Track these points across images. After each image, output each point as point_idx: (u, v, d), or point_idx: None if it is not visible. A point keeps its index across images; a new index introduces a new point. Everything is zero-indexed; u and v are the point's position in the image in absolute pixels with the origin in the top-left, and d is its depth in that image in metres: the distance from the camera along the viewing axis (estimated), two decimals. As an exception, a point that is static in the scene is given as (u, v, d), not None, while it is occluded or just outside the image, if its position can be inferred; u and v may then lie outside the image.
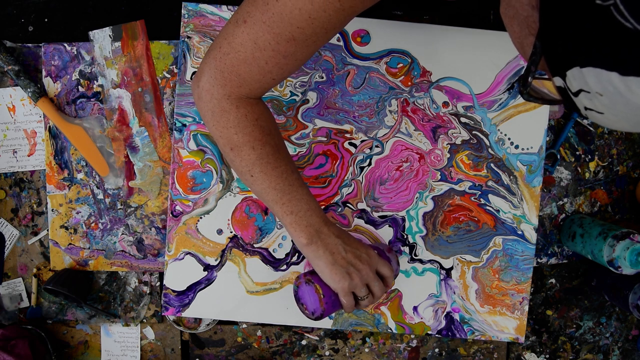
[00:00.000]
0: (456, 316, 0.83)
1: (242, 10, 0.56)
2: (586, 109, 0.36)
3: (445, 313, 0.83)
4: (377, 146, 0.81)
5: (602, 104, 0.34)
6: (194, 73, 0.79)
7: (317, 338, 0.86)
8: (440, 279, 0.82)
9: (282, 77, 0.59)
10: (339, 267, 0.64)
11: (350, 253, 0.65)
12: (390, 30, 0.80)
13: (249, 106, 0.62)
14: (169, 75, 0.80)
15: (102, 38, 0.79)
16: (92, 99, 0.81)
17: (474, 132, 0.81)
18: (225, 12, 0.78)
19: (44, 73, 0.80)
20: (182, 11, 0.78)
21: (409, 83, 0.80)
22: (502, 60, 0.80)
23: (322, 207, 0.81)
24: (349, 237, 0.67)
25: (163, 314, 0.82)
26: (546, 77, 0.41)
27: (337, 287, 0.64)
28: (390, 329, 0.83)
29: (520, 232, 0.82)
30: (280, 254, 0.81)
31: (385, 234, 0.82)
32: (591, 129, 0.84)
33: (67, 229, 0.82)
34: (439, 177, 0.81)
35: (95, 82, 0.80)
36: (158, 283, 0.84)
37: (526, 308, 0.83)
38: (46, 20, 0.79)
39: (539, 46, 0.38)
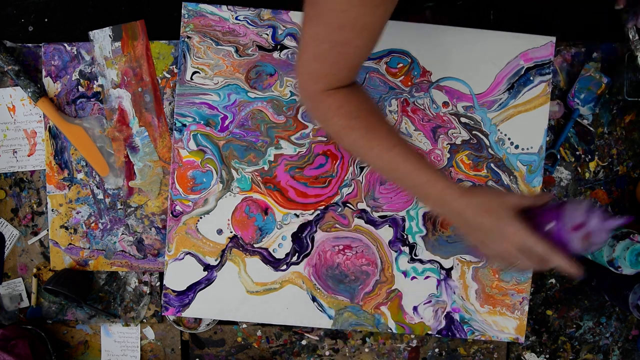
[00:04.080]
0: (456, 316, 0.83)
1: (303, 13, 0.58)
2: None
3: (445, 313, 0.83)
4: (377, 146, 0.81)
5: None
6: (194, 73, 0.79)
7: (317, 338, 0.86)
8: (440, 279, 0.82)
9: (351, 66, 0.60)
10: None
11: None
12: (390, 30, 0.79)
13: (339, 94, 0.62)
14: (169, 75, 0.81)
15: (102, 38, 0.79)
16: (92, 99, 0.81)
17: (474, 132, 0.81)
18: (225, 12, 0.78)
19: (44, 73, 0.80)
20: (182, 11, 0.78)
21: (409, 83, 0.80)
22: (502, 60, 0.80)
23: (323, 207, 0.81)
24: None
25: (163, 314, 0.82)
26: None
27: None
28: (390, 329, 0.83)
29: (520, 232, 0.82)
30: (280, 254, 0.81)
31: (386, 234, 0.82)
32: (591, 129, 0.84)
33: (67, 229, 0.82)
34: (439, 177, 0.81)
35: (95, 82, 0.80)
36: (158, 283, 0.84)
37: (526, 308, 0.83)
38: (46, 20, 0.79)
39: None
